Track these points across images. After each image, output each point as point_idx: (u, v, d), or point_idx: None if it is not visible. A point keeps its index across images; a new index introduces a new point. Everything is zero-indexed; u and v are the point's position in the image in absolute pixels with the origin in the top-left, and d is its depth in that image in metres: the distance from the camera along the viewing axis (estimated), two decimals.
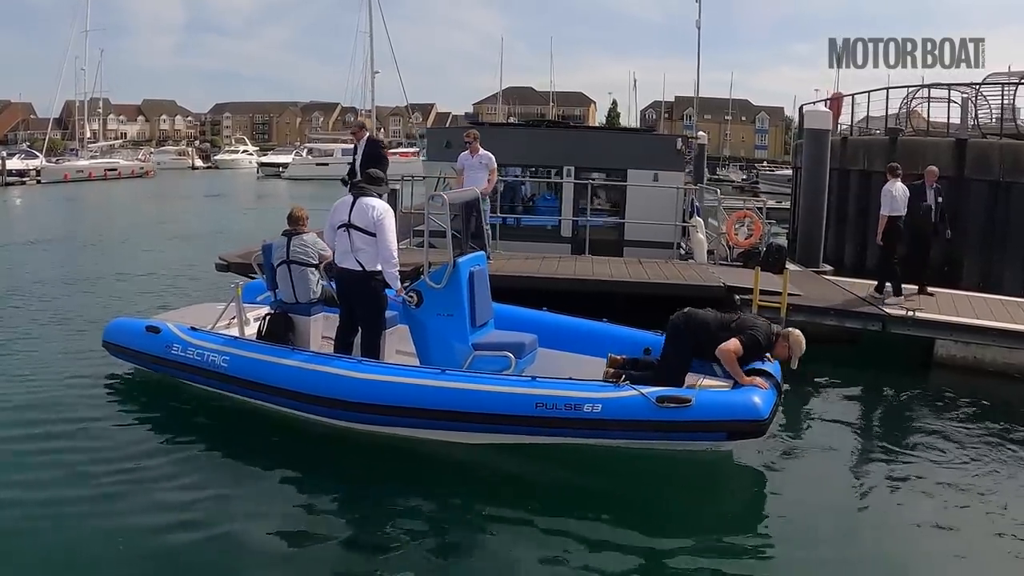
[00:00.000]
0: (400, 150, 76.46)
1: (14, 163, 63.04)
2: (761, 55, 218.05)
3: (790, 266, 13.63)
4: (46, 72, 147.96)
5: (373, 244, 8.09)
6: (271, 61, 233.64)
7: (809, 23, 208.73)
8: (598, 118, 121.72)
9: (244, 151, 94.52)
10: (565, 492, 7.14)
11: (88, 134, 78.72)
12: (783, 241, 19.15)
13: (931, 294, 12.68)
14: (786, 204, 28.36)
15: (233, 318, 9.11)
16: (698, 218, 15.19)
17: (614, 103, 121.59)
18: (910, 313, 11.41)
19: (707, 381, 8.01)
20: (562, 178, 15.37)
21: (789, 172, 63.61)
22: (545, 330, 9.00)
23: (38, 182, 61.00)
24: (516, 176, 15.85)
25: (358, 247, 8.12)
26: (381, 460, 7.62)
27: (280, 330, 8.78)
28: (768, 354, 7.82)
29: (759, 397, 7.20)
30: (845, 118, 24.62)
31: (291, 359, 8.09)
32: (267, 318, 8.94)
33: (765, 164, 74.54)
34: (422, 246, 14.27)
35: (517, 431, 7.32)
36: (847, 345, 11.62)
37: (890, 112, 21.51)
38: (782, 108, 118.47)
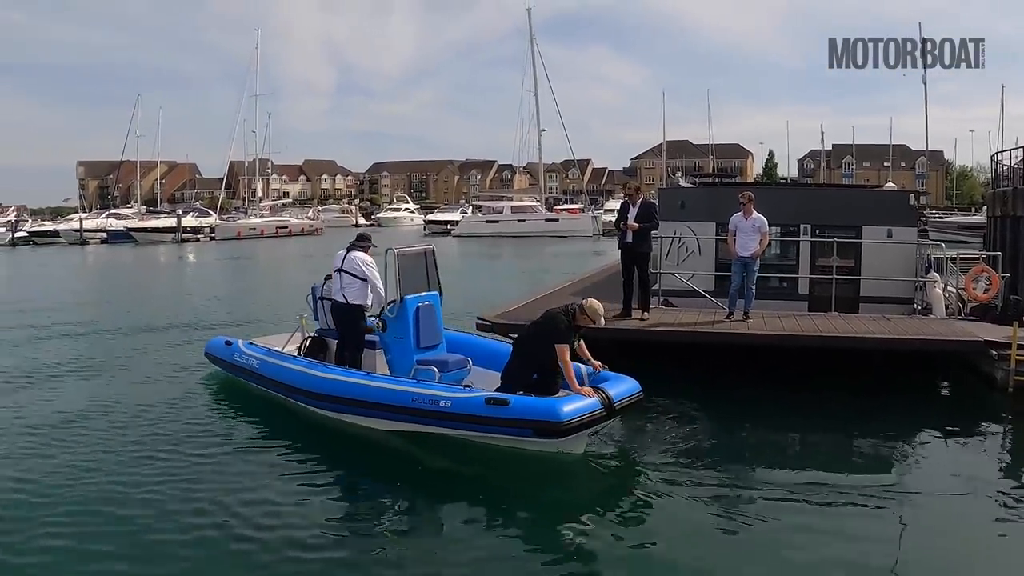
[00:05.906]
0: (567, 207, 78.06)
1: (189, 220, 68.27)
2: (906, 97, 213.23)
3: None
4: (206, 134, 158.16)
5: (355, 284, 11.22)
6: (420, 121, 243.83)
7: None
8: (755, 169, 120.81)
9: (406, 208, 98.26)
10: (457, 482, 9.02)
11: (259, 193, 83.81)
12: None
13: None
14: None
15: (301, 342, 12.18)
16: (935, 273, 15.25)
17: (771, 153, 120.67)
18: None
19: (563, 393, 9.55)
20: (799, 236, 15.79)
21: (960, 218, 62.34)
22: (490, 355, 11.24)
23: (212, 239, 65.60)
24: None
25: (344, 286, 11.29)
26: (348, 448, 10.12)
27: (316, 349, 11.91)
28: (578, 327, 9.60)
29: (568, 406, 8.88)
30: None
31: (292, 364, 11.23)
32: (308, 340, 12.07)
33: (930, 210, 72.07)
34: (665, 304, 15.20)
35: (400, 419, 9.80)
36: None
37: None
38: (941, 152, 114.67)
